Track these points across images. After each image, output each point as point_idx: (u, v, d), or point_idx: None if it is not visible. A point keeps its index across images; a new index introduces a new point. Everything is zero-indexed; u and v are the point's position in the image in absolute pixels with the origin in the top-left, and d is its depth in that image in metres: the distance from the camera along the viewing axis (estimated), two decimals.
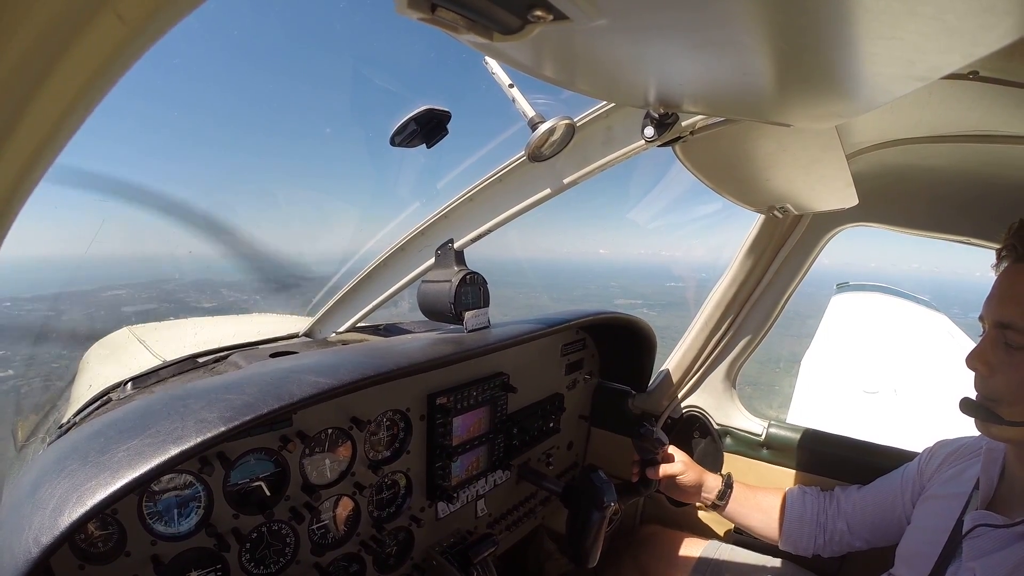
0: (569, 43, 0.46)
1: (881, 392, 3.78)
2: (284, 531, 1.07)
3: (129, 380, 1.42)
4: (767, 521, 1.50)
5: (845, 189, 1.09)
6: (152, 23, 0.25)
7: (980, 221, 1.29)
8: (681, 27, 0.42)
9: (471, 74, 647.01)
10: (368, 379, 0.99)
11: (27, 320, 4.43)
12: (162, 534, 0.89)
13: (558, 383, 1.77)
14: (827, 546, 1.41)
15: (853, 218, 1.52)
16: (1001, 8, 0.34)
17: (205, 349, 1.60)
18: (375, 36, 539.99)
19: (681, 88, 0.62)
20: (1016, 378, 0.88)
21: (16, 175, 0.27)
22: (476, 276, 1.30)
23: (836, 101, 0.59)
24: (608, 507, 1.39)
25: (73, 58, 0.24)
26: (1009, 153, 1.08)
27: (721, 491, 1.54)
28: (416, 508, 1.32)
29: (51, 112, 0.25)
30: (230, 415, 0.81)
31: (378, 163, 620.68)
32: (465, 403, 1.37)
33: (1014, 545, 0.92)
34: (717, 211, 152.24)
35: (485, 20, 0.38)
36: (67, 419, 1.42)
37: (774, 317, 1.72)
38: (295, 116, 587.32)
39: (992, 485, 1.04)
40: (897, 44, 0.41)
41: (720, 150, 0.99)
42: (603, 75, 0.58)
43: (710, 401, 1.85)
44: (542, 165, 1.18)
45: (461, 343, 1.24)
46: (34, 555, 0.62)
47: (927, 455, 1.26)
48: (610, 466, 1.65)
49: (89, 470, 0.71)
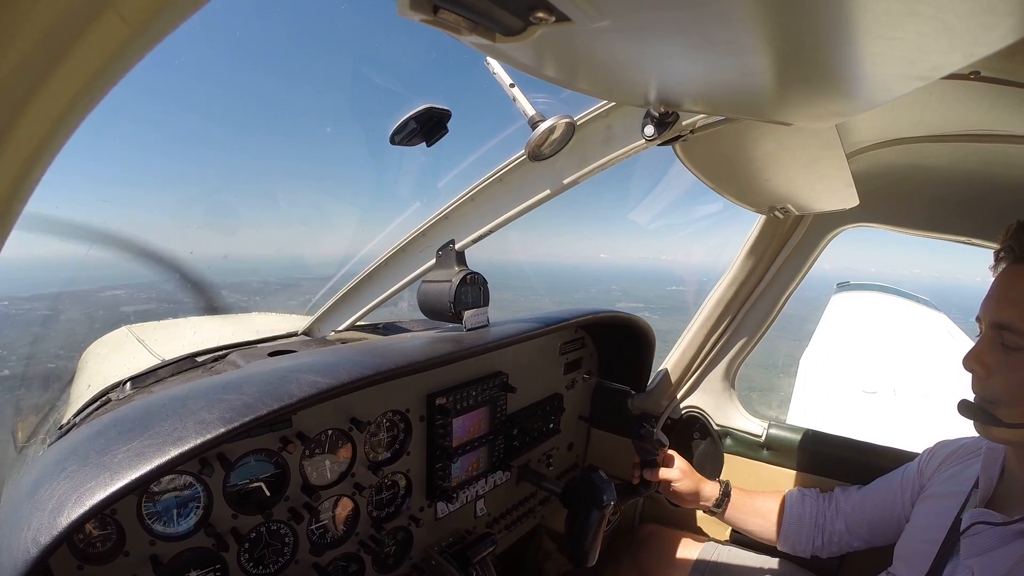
0: (570, 44, 0.46)
1: (880, 392, 3.78)
2: (283, 531, 1.06)
3: (128, 380, 1.42)
4: (765, 525, 1.51)
5: (845, 189, 1.09)
6: (154, 24, 0.24)
7: (981, 221, 1.29)
8: (682, 27, 0.42)
9: (471, 73, 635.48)
10: (367, 378, 0.99)
11: (26, 320, 4.42)
12: (161, 534, 0.89)
13: (557, 383, 1.77)
14: (825, 547, 1.41)
15: (854, 218, 1.52)
16: (1002, 8, 0.34)
17: (204, 348, 1.60)
18: (377, 37, 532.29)
19: (681, 87, 0.62)
20: (1014, 379, 0.88)
21: (16, 175, 0.27)
22: (476, 276, 1.30)
23: (836, 100, 0.59)
24: (607, 506, 1.39)
25: (75, 58, 0.24)
26: (1010, 153, 1.08)
27: (718, 499, 1.55)
28: (415, 508, 1.32)
29: (52, 112, 0.25)
30: (230, 416, 0.81)
31: (378, 163, 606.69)
32: (464, 403, 1.37)
33: (1012, 543, 0.92)
34: (718, 211, 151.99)
35: (487, 22, 0.38)
36: (67, 420, 1.42)
37: (773, 317, 1.72)
38: (295, 116, 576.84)
39: (991, 484, 1.04)
40: (898, 44, 0.41)
41: (720, 149, 0.99)
42: (604, 75, 0.58)
43: (709, 401, 1.85)
44: (542, 164, 1.18)
45: (460, 342, 1.24)
46: (33, 555, 0.62)
47: (927, 455, 1.27)
48: (610, 467, 1.65)
49: (89, 471, 0.71)
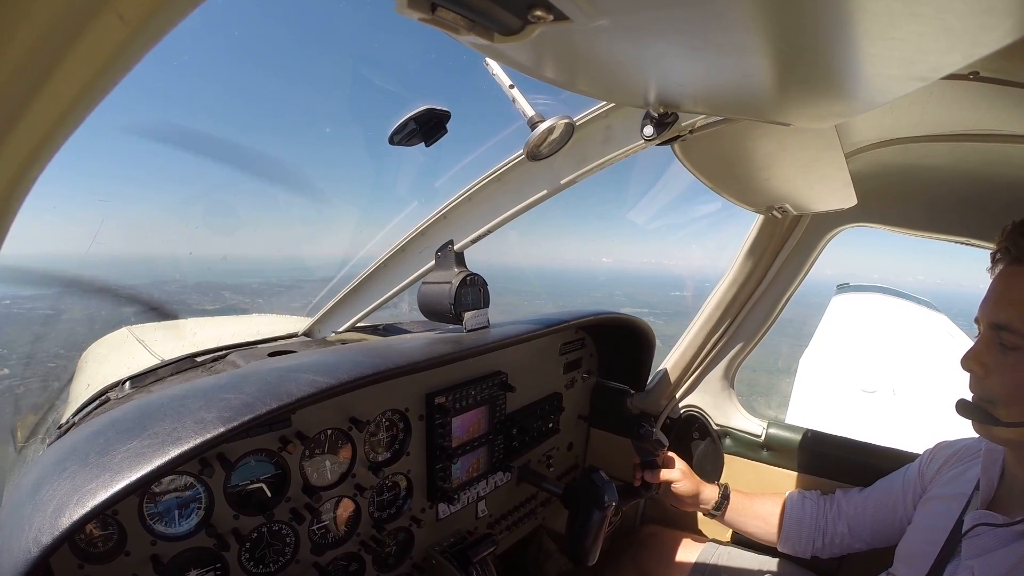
0: (569, 43, 0.46)
1: (880, 392, 3.78)
2: (284, 531, 1.06)
3: (127, 379, 1.42)
4: (765, 527, 1.51)
5: (844, 189, 1.09)
6: (153, 23, 0.25)
7: (980, 221, 1.28)
8: (681, 27, 0.42)
9: (471, 75, 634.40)
10: (367, 378, 0.99)
11: (27, 318, 4.42)
12: (162, 534, 0.89)
13: (556, 382, 1.77)
14: (826, 548, 1.41)
15: (852, 218, 1.51)
16: (1001, 9, 0.34)
17: (203, 349, 1.60)
18: (376, 37, 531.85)
19: (681, 88, 0.62)
20: (1012, 379, 0.88)
21: (15, 174, 0.27)
22: (476, 277, 1.30)
23: (836, 100, 0.59)
24: (608, 506, 1.39)
25: (74, 58, 0.24)
26: (1009, 152, 1.07)
27: (717, 502, 1.55)
28: (417, 509, 1.32)
29: (52, 111, 0.25)
30: (228, 415, 0.81)
31: (378, 163, 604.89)
32: (463, 403, 1.37)
33: (1013, 544, 0.92)
34: (718, 211, 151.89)
35: (485, 20, 0.38)
36: (66, 419, 1.42)
37: (773, 318, 1.72)
38: (295, 115, 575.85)
39: (992, 485, 1.04)
40: (897, 44, 0.41)
41: (719, 149, 0.99)
42: (603, 75, 0.58)
43: (709, 401, 1.85)
44: (541, 164, 1.18)
45: (460, 342, 1.24)
46: (34, 555, 0.62)
47: (928, 457, 1.26)
48: (610, 468, 1.65)
49: (89, 471, 0.71)
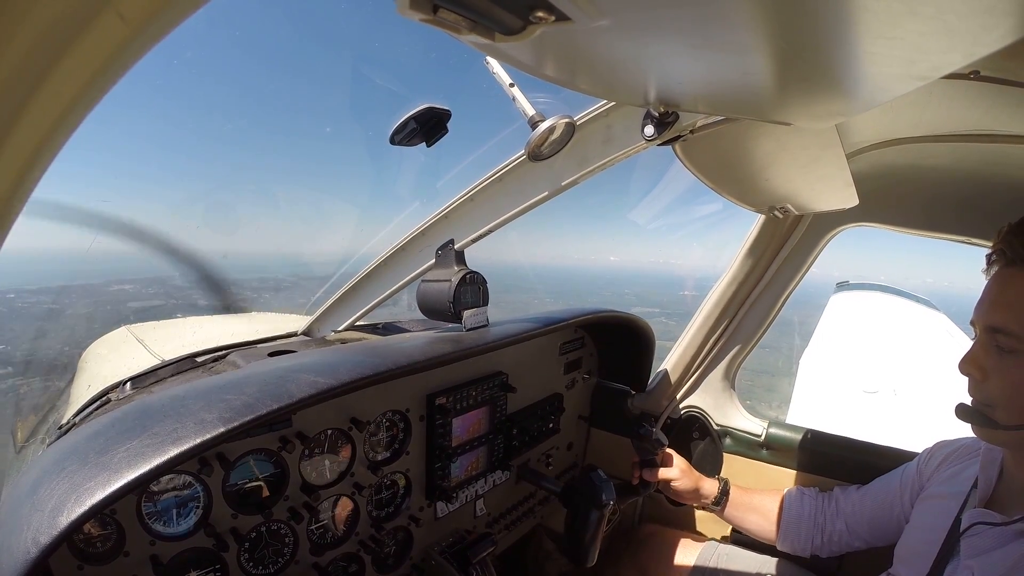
0: (570, 43, 0.46)
1: (880, 392, 3.78)
2: (283, 531, 1.06)
3: (128, 380, 1.42)
4: (764, 523, 1.51)
5: (845, 189, 1.09)
6: (154, 23, 0.24)
7: (980, 221, 1.28)
8: (682, 26, 0.42)
9: (471, 73, 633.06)
10: (367, 378, 0.99)
11: (31, 313, 4.43)
12: (161, 534, 0.89)
13: (557, 382, 1.77)
14: (824, 546, 1.41)
15: (853, 218, 1.52)
16: (1002, 8, 0.34)
17: (203, 348, 1.60)
18: (377, 36, 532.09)
19: (681, 87, 0.62)
20: (1009, 382, 0.88)
21: (16, 174, 0.27)
22: (476, 275, 1.30)
23: (836, 100, 0.59)
24: (607, 505, 1.39)
25: (74, 57, 0.24)
26: (1010, 152, 1.07)
27: (717, 496, 1.55)
28: (415, 508, 1.32)
29: (52, 111, 0.25)
30: (229, 416, 0.81)
31: (378, 163, 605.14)
32: (464, 403, 1.37)
33: (1012, 543, 0.92)
34: (718, 211, 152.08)
35: (487, 21, 0.38)
36: (66, 420, 1.42)
37: (773, 317, 1.72)
38: (295, 115, 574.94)
39: (990, 484, 1.04)
40: (898, 44, 0.41)
41: (720, 149, 0.99)
42: (604, 74, 0.58)
43: (709, 401, 1.85)
44: (542, 164, 1.18)
45: (460, 342, 1.24)
46: (33, 555, 0.62)
47: (926, 455, 1.27)
48: (610, 467, 1.65)
49: (88, 471, 0.71)
